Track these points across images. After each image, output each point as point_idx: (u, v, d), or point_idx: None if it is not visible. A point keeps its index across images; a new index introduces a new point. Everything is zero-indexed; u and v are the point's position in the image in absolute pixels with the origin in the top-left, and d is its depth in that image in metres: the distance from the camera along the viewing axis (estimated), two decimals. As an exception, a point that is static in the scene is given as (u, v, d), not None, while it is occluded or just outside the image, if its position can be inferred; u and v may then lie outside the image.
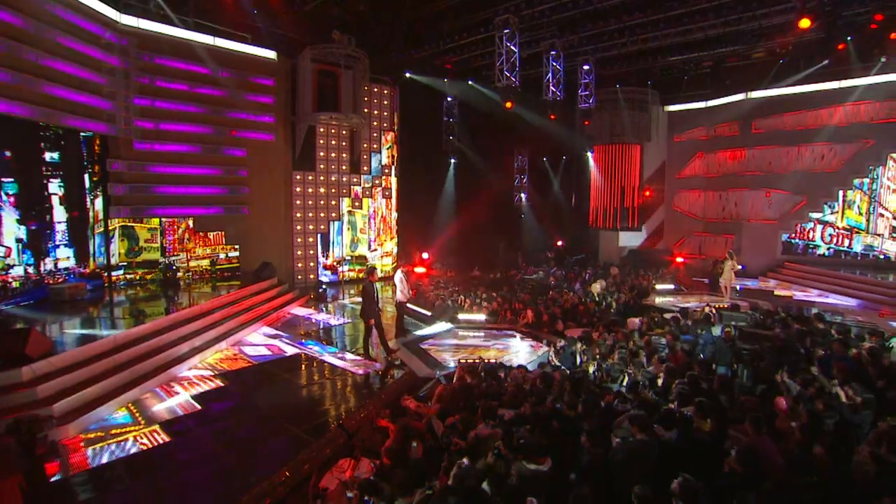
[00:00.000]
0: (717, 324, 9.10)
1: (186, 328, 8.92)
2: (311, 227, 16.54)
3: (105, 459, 5.45)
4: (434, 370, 7.89)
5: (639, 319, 9.43)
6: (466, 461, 4.02)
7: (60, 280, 10.68)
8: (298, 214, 16.26)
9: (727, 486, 3.95)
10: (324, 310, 13.46)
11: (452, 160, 22.50)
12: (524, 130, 21.71)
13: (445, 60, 18.67)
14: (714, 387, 6.15)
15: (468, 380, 6.39)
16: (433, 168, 21.30)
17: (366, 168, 17.74)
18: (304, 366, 8.68)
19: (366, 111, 17.13)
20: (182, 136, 13.01)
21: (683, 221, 21.26)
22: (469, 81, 20.25)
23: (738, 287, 14.36)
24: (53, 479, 5.04)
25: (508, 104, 14.38)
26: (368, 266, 8.53)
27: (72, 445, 5.69)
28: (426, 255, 19.14)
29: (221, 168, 13.94)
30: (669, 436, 4.86)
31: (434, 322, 11.35)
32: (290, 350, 9.41)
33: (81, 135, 11.22)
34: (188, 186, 13.26)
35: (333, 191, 16.93)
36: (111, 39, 11.05)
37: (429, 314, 11.66)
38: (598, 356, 7.30)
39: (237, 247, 14.44)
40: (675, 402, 5.70)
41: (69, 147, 11.10)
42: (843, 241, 17.29)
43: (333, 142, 16.85)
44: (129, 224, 12.50)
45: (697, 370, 6.56)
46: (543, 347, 9.25)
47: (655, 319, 9.55)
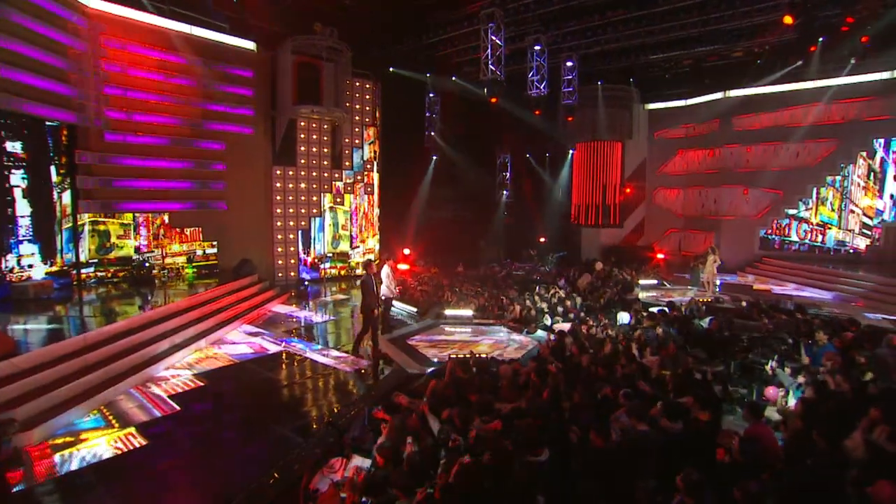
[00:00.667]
0: (704, 317, 9.20)
1: (163, 326, 8.50)
2: (292, 224, 16.12)
3: (74, 466, 5.07)
4: (423, 366, 7.71)
5: (628, 314, 9.43)
6: (468, 458, 3.85)
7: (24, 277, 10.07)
8: (279, 210, 15.83)
9: (728, 476, 3.91)
10: (306, 307, 13.12)
11: (434, 157, 22.29)
12: (507, 127, 21.67)
13: (429, 55, 18.45)
14: (708, 377, 6.16)
15: (460, 374, 6.22)
16: (415, 164, 21.04)
17: (348, 163, 17.40)
18: (289, 363, 8.38)
19: (348, 105, 16.78)
20: (156, 128, 12.45)
21: (664, 218, 21.56)
22: (453, 77, 20.08)
23: (719, 282, 14.60)
24: (16, 489, 4.64)
25: (493, 99, 14.23)
26: (366, 259, 8.26)
27: (37, 452, 5.28)
28: (407, 251, 18.91)
29: (198, 162, 13.42)
30: (674, 427, 4.81)
31: (420, 318, 11.18)
32: (273, 348, 9.08)
33: (46, 124, 10.60)
34: (163, 180, 12.70)
35: (315, 186, 16.54)
36: (78, 23, 10.46)
37: (415, 310, 11.45)
38: (591, 349, 7.23)
39: (215, 243, 13.93)
40: (672, 394, 5.68)
41: (33, 137, 10.48)
42: (817, 237, 17.81)
43: (315, 136, 16.46)
44: (100, 219, 11.91)
45: (690, 362, 6.58)
46: (533, 342, 9.15)
47: (643, 314, 9.56)
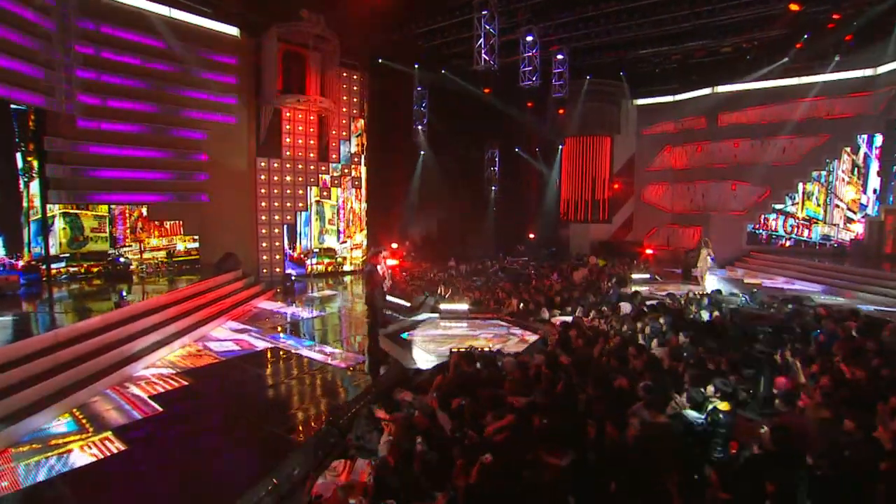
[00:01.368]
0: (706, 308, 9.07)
1: (142, 322, 7.94)
2: (277, 218, 15.56)
3: (42, 476, 4.54)
4: (422, 361, 7.36)
5: (629, 304, 9.23)
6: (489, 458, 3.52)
7: None
8: (263, 204, 15.25)
9: (760, 467, 3.70)
10: (293, 304, 12.62)
11: (422, 152, 21.91)
12: (496, 122, 21.41)
13: (418, 47, 18.06)
14: (722, 367, 5.97)
15: (465, 368, 5.90)
16: (403, 158, 20.64)
17: (335, 156, 16.90)
18: (279, 360, 7.94)
19: (334, 97, 16.27)
20: (133, 115, 11.78)
21: (652, 213, 21.62)
22: (442, 71, 19.73)
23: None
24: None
25: (487, 90, 13.94)
26: (372, 249, 7.88)
27: (-1, 461, 4.75)
28: (395, 246, 18.48)
29: (178, 151, 12.79)
30: (698, 419, 4.59)
31: (414, 312, 10.83)
32: (261, 344, 8.61)
33: (12, 107, 9.87)
34: (140, 170, 12.05)
35: (301, 179, 16.00)
36: (46, 1, 9.77)
37: (408, 305, 11.09)
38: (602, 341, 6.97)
39: (196, 237, 13.30)
40: (687, 385, 5.45)
41: (-5, 120, 9.75)
42: (803, 231, 18.03)
43: (300, 127, 15.92)
44: (73, 211, 11.20)
45: (701, 352, 6.38)
46: (533, 335, 8.89)
47: (644, 306, 9.38)
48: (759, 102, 18.28)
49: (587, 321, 8.43)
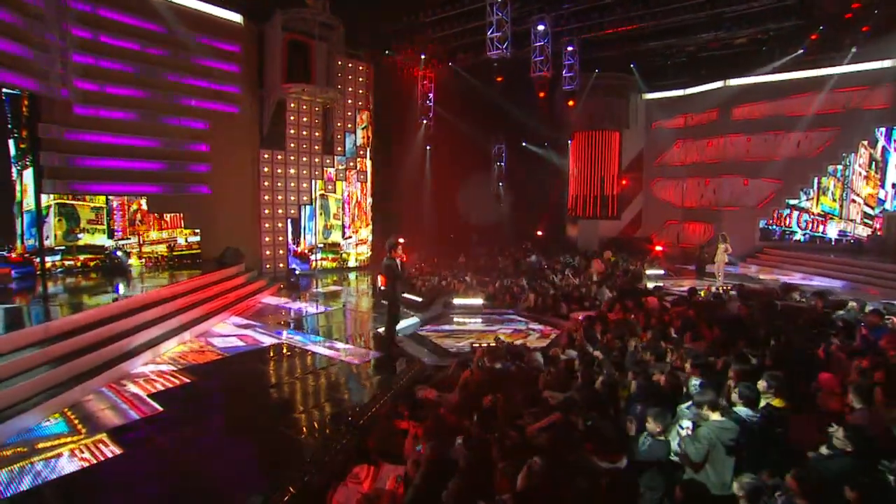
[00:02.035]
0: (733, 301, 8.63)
1: (142, 316, 7.48)
2: (281, 212, 15.09)
3: (27, 484, 4.06)
4: (441, 357, 6.92)
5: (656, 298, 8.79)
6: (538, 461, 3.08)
7: None
8: (266, 197, 14.80)
9: (833, 469, 3.28)
10: (298, 299, 12.17)
11: (428, 146, 21.49)
12: (505, 115, 20.98)
13: (424, 38, 17.61)
14: (765, 362, 5.53)
15: (490, 364, 5.46)
16: (409, 152, 20.21)
17: (340, 149, 16.45)
18: (287, 357, 7.47)
19: (340, 88, 15.83)
20: (132, 102, 11.31)
21: (662, 210, 21.16)
22: (449, 63, 19.31)
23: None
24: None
25: (499, 78, 13.51)
26: (389, 241, 7.39)
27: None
28: (402, 241, 17.97)
29: (178, 141, 12.32)
30: (752, 416, 4.15)
31: (426, 308, 10.40)
32: (268, 340, 8.15)
33: (4, 91, 9.40)
34: (139, 160, 11.57)
35: (305, 172, 15.54)
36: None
37: (419, 300, 10.64)
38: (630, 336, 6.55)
39: (198, 231, 12.83)
40: (733, 381, 5.02)
41: (-14, 105, 9.30)
42: (818, 227, 17.60)
43: (305, 119, 15.46)
44: (69, 202, 10.73)
45: (742, 345, 5.95)
46: (554, 331, 8.46)
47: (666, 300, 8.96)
48: (773, 96, 17.80)
49: (612, 316, 7.98)
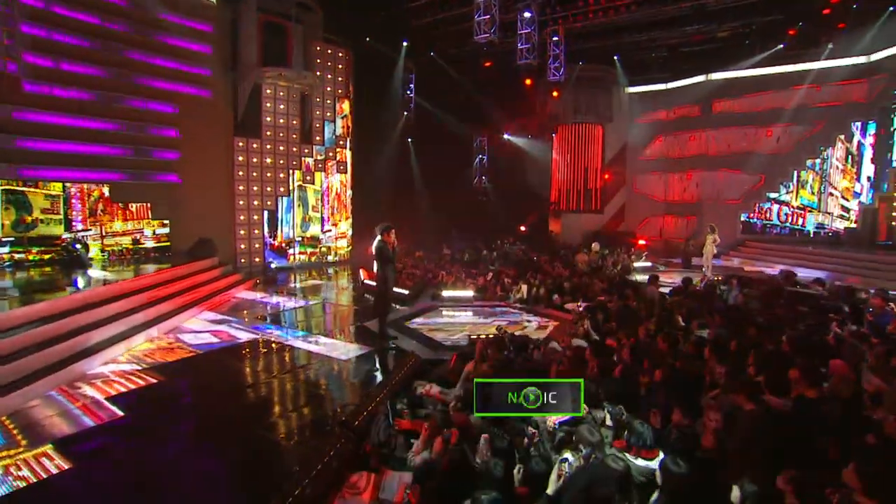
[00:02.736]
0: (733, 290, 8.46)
1: (103, 311, 6.72)
2: (257, 203, 14.30)
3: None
4: (435, 350, 6.45)
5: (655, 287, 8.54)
6: (571, 457, 2.65)
7: None
8: (241, 187, 13.99)
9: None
10: (276, 293, 11.48)
11: (409, 139, 20.94)
12: (487, 107, 20.61)
13: (406, 26, 17.06)
14: (783, 349, 5.27)
15: (495, 355, 5.01)
16: (390, 142, 19.62)
17: (318, 138, 15.73)
18: (267, 353, 6.85)
19: (319, 74, 15.13)
20: (91, 81, 10.37)
21: (644, 204, 21.19)
22: (431, 53, 18.82)
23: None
24: None
25: (487, 63, 13.08)
26: (382, 225, 6.82)
27: None
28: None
29: (144, 125, 11.42)
30: (782, 405, 3.84)
31: (412, 301, 9.91)
32: (245, 335, 7.49)
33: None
34: (99, 145, 10.63)
35: (282, 162, 14.77)
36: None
37: (405, 292, 10.13)
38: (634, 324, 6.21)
39: (167, 223, 11.96)
40: (753, 368, 4.72)
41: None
42: (798, 220, 17.87)
43: (282, 106, 14.68)
44: (18, 188, 9.76)
45: (755, 332, 5.69)
46: (551, 322, 8.09)
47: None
48: (754, 90, 17.99)
49: (612, 305, 7.66)
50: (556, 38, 16.55)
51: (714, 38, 17.91)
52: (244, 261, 13.92)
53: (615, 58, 19.09)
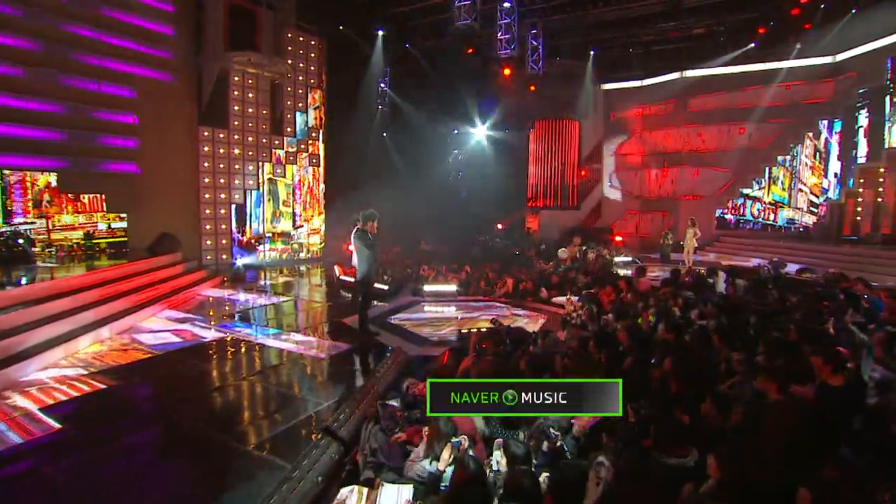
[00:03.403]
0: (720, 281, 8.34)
1: (42, 309, 5.93)
2: (224, 196, 13.45)
3: None
4: (421, 346, 5.98)
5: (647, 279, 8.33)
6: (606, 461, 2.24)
7: None
8: (207, 180, 13.11)
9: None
10: (244, 291, 10.74)
11: (384, 133, 20.36)
12: (464, 101, 20.24)
13: (381, 13, 16.52)
14: (790, 336, 5.04)
15: (492, 349, 4.60)
16: (364, 135, 19.00)
17: (290, 129, 14.98)
18: (236, 353, 6.20)
19: (290, 62, 14.40)
20: (34, 58, 9.39)
21: (621, 200, 21.27)
22: (406, 45, 18.32)
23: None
24: None
25: (470, 49, 12.69)
26: (365, 213, 6.25)
27: None
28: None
29: (99, 109, 10.50)
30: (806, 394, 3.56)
31: (392, 296, 9.41)
32: (210, 334, 6.81)
33: None
34: (45, 129, 9.67)
35: (251, 153, 13.96)
36: None
37: (385, 287, 9.61)
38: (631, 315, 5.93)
39: (124, 216, 11.02)
40: (763, 356, 4.49)
41: None
42: (770, 216, 18.24)
43: (251, 94, 13.87)
44: (-52, 176, 8.73)
45: (755, 321, 5.47)
46: (539, 316, 7.74)
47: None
48: (727, 87, 18.30)
49: (605, 297, 7.38)
50: (535, 31, 16.37)
51: (689, 37, 18.14)
52: (210, 257, 13.05)
53: (591, 53, 19.04)
